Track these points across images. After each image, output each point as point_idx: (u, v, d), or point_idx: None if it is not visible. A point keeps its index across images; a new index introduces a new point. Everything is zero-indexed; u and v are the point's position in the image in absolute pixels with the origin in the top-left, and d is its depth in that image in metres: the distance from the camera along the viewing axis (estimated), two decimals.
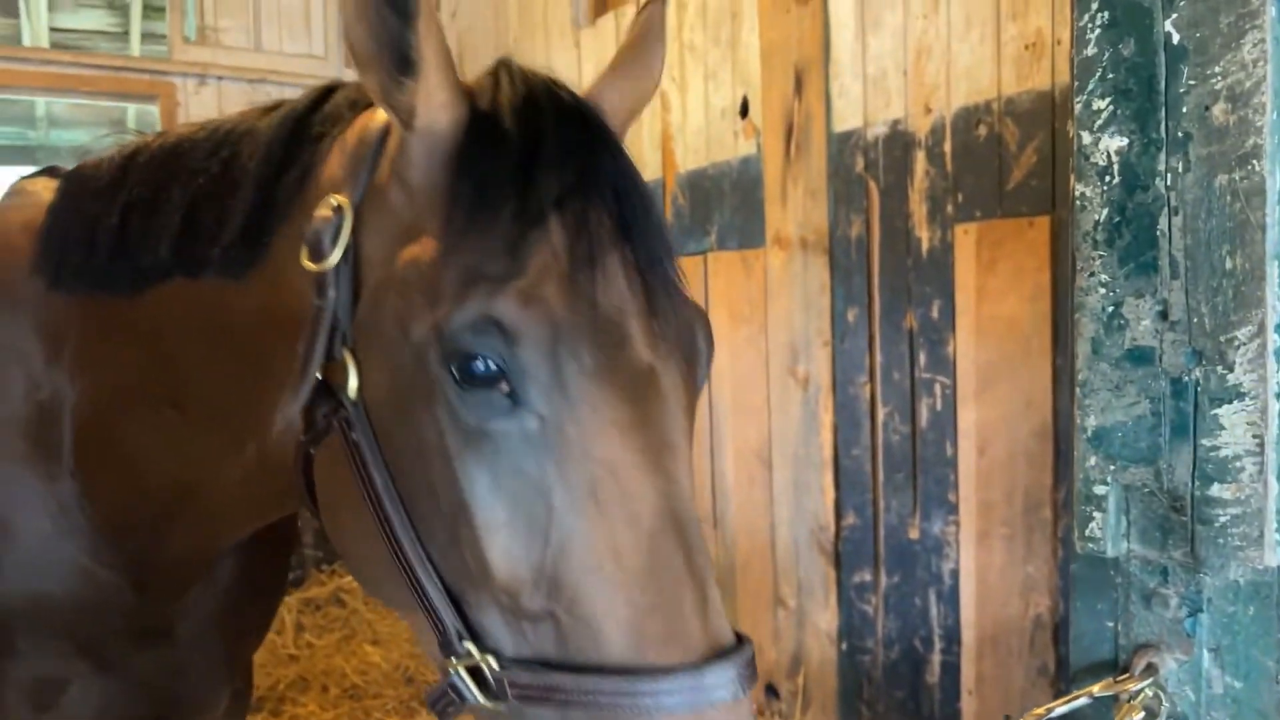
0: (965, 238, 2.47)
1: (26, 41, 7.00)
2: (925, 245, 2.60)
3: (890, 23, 2.67)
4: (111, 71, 4.98)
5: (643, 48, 1.31)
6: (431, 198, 1.03)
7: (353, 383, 1.03)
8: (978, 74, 2.44)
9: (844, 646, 2.92)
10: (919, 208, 2.61)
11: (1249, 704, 0.79)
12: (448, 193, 1.02)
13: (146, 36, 7.73)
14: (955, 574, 2.54)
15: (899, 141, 2.67)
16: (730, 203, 3.35)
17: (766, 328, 3.19)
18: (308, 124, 1.25)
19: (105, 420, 1.50)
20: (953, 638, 2.56)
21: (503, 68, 1.14)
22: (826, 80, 2.87)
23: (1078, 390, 0.88)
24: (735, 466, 3.33)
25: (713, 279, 3.41)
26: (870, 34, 2.73)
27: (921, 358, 2.62)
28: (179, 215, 1.33)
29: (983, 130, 2.44)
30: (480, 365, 0.92)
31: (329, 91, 1.29)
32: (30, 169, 2.01)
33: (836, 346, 2.91)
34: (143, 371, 1.43)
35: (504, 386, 0.93)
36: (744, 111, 3.26)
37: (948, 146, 2.52)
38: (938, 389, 2.57)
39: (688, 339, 1.08)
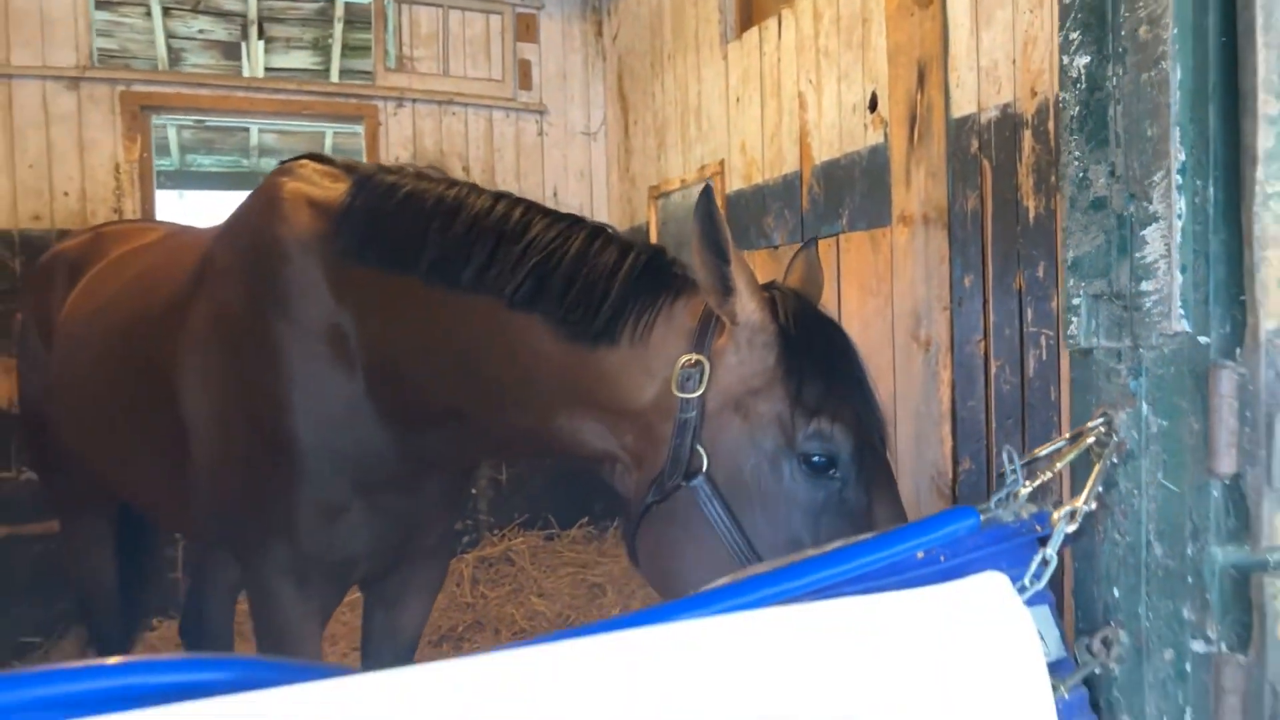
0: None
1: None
2: (1032, 214, 2.91)
3: (1001, 18, 3.00)
4: (324, 97, 5.79)
5: (809, 276, 2.09)
6: (765, 366, 1.66)
7: (705, 465, 1.64)
8: None
9: None
10: (1026, 180, 2.92)
11: (1173, 436, 1.14)
12: (777, 364, 1.66)
13: (344, 73, 8.72)
14: (1057, 504, 2.81)
15: (1009, 123, 2.99)
16: (860, 188, 3.73)
17: (892, 299, 3.54)
18: (666, 266, 1.87)
19: (388, 356, 2.07)
20: None
21: (776, 291, 1.78)
22: (945, 73, 3.22)
23: (1063, 234, 1.25)
24: None
25: (844, 257, 3.79)
26: (983, 29, 3.07)
27: (1029, 314, 2.92)
28: (529, 265, 1.88)
29: None
30: (820, 460, 1.60)
31: (660, 251, 1.91)
32: (243, 193, 2.64)
33: (954, 310, 3.24)
34: (427, 339, 1.99)
35: (830, 469, 1.60)
36: (873, 106, 3.64)
37: (1051, 125, 2.84)
38: (1043, 340, 2.87)
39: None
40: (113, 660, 0.80)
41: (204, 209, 12.12)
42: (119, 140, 5.12)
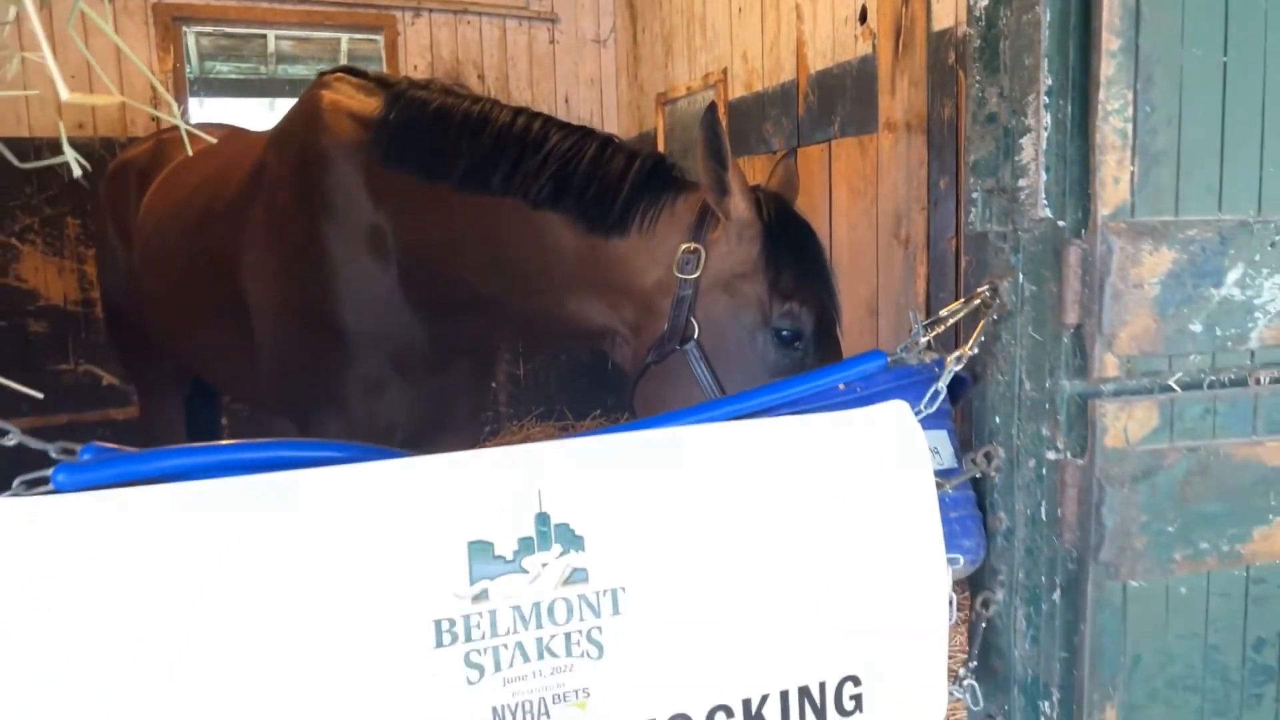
0: None
1: None
2: None
3: None
4: (345, 8, 6.01)
5: (787, 181, 2.36)
6: (749, 253, 2.01)
7: (696, 334, 1.99)
8: None
9: None
10: None
11: (1039, 298, 1.48)
12: (760, 255, 2.00)
13: None
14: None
15: None
16: (850, 96, 4.00)
17: (877, 200, 3.84)
18: (667, 170, 2.19)
19: (420, 251, 2.41)
20: None
21: (761, 193, 2.11)
22: None
23: (966, 143, 1.57)
24: (849, 320, 4.02)
25: (835, 162, 4.08)
26: None
27: None
28: (549, 171, 2.20)
29: None
30: (788, 334, 1.95)
31: (661, 158, 2.22)
32: (260, 100, 2.95)
33: (931, 211, 3.55)
34: (457, 237, 2.33)
35: (795, 342, 1.96)
36: (863, 18, 3.88)
37: None
38: None
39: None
40: (267, 440, 1.18)
41: (226, 118, 12.29)
42: (153, 50, 5.39)
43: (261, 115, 9.47)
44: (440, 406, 2.69)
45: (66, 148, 1.23)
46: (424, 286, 2.45)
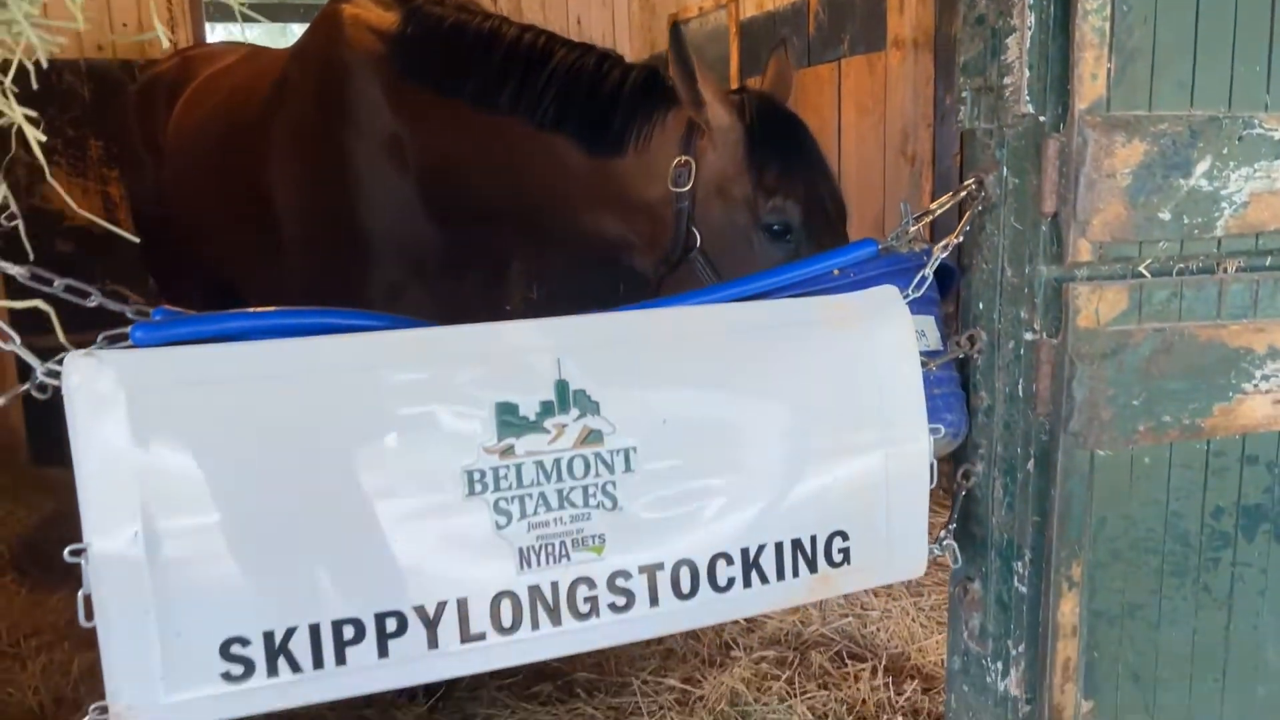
0: None
1: None
2: None
3: None
4: None
5: (780, 74, 2.40)
6: (735, 159, 2.08)
7: (699, 242, 2.11)
8: None
9: None
10: None
11: (1021, 190, 1.59)
12: (746, 158, 2.07)
13: None
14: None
15: None
16: (859, 14, 4.03)
17: (885, 117, 3.91)
18: (659, 84, 2.24)
19: (436, 163, 2.51)
20: None
21: (745, 95, 2.18)
22: None
23: (957, 45, 1.67)
24: (856, 236, 4.12)
25: (845, 80, 4.14)
26: None
27: None
28: (551, 93, 2.28)
29: None
30: (778, 228, 2.03)
31: (654, 71, 2.28)
32: (275, 25, 3.01)
33: (937, 127, 3.62)
34: (469, 152, 2.43)
35: (786, 235, 2.04)
36: None
37: None
38: None
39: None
40: (318, 308, 1.32)
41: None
42: None
43: (277, 40, 9.44)
44: (457, 313, 2.81)
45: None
46: (441, 197, 2.56)
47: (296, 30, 6.99)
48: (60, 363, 1.14)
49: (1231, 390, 1.60)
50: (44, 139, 1.14)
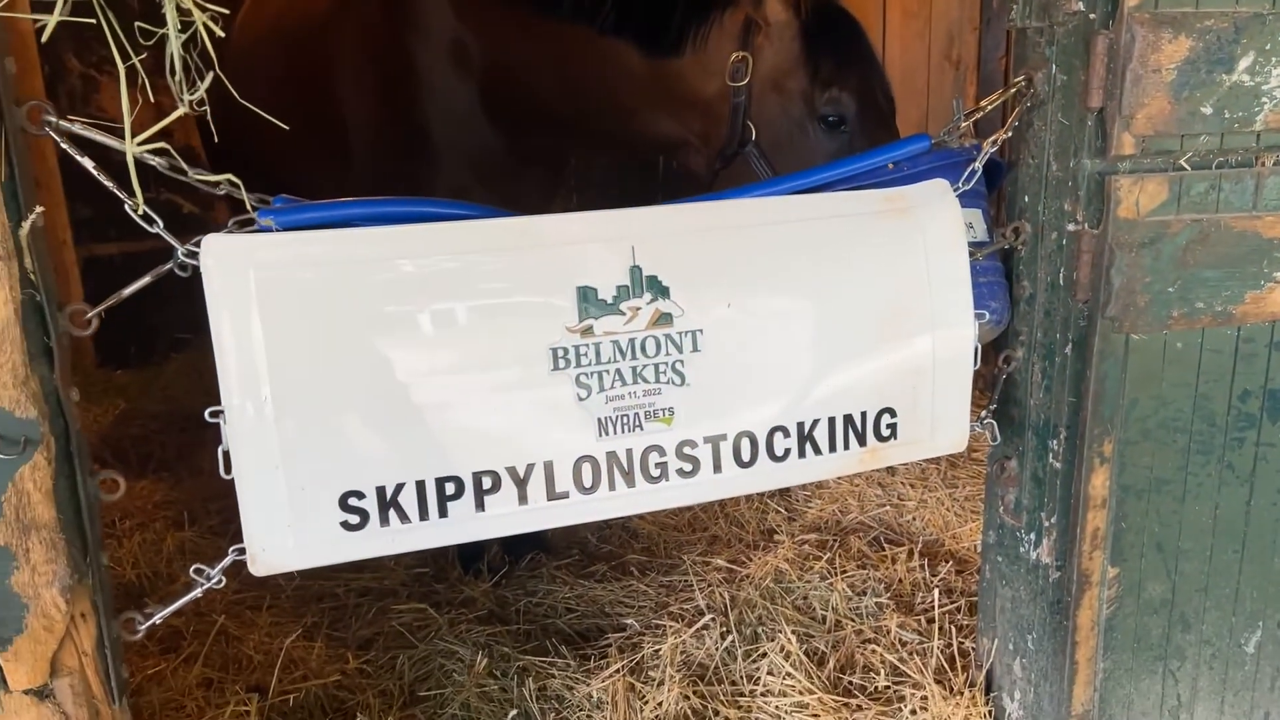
0: None
1: None
2: None
3: None
4: None
5: None
6: (791, 53, 2.17)
7: (754, 136, 2.19)
8: None
9: None
10: None
11: (1068, 86, 1.67)
12: (800, 51, 2.14)
13: None
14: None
15: None
16: None
17: (930, 21, 3.91)
18: None
19: (499, 68, 2.58)
20: None
21: None
22: None
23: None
24: None
25: None
26: None
27: None
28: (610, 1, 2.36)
29: None
30: (834, 119, 2.12)
31: None
32: None
33: (983, 30, 3.62)
34: (531, 57, 2.50)
35: (841, 125, 2.12)
36: None
37: None
38: None
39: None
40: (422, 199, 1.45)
41: None
42: None
43: None
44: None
45: None
46: (502, 102, 2.65)
47: None
48: (198, 244, 1.27)
49: (1264, 279, 1.69)
50: (222, 35, 1.24)
